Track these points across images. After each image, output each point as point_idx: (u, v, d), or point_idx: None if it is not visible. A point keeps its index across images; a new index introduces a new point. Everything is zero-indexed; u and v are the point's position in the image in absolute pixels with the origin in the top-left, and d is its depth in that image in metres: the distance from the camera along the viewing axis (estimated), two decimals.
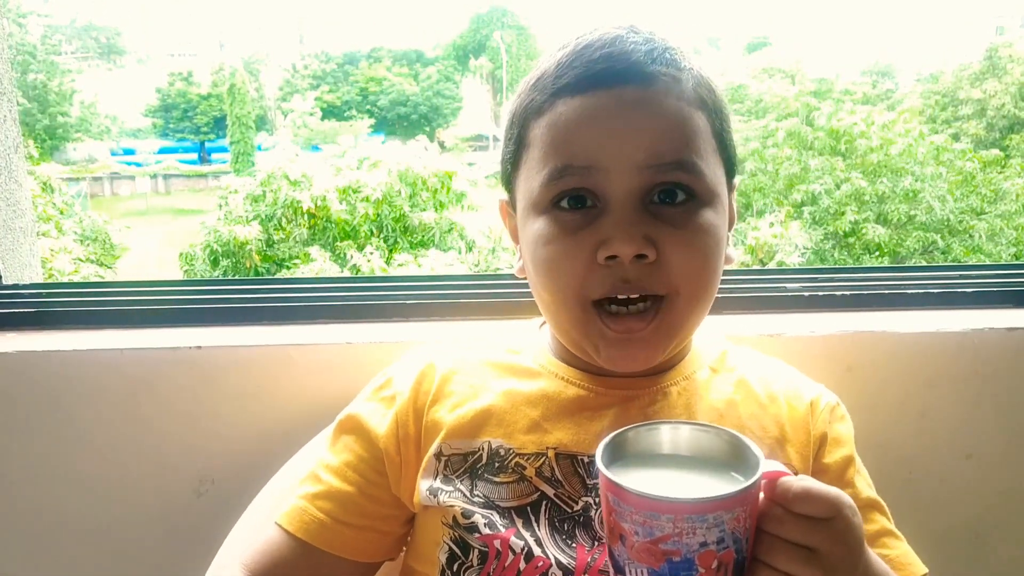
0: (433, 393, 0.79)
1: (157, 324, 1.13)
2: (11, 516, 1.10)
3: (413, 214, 8.43)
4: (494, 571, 0.70)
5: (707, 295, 0.73)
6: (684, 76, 0.71)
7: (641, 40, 0.71)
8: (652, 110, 0.69)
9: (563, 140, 0.70)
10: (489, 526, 0.71)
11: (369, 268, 7.60)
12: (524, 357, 0.82)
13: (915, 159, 9.56)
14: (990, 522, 1.14)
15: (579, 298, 0.70)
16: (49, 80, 25.38)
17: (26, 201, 1.28)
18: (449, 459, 0.76)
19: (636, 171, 0.68)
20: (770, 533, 0.55)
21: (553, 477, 0.73)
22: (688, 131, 0.70)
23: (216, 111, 29.06)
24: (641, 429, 0.60)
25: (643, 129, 0.68)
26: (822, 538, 0.55)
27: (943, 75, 17.29)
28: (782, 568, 0.55)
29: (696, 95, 0.71)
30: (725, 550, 0.52)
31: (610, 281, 0.68)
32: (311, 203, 8.22)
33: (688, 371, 0.79)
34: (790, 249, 7.95)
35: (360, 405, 0.83)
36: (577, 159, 0.69)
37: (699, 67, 0.73)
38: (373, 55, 34.51)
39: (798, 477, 0.57)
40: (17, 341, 1.08)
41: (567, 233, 0.70)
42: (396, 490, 0.78)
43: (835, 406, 0.81)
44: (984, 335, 1.08)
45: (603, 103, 0.69)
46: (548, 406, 0.77)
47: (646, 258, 0.67)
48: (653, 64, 0.69)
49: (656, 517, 0.51)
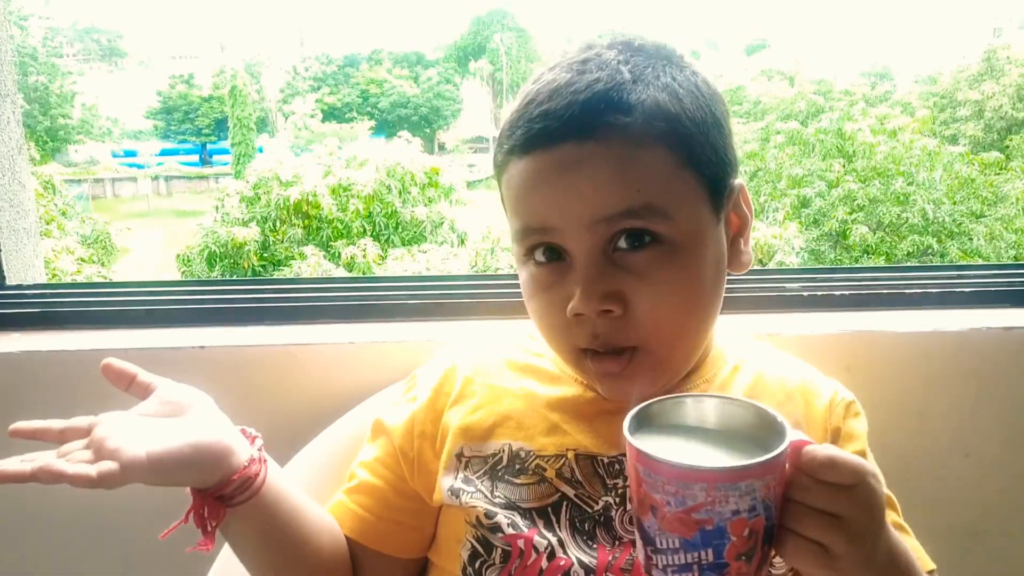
0: (454, 395, 0.81)
1: (160, 324, 1.13)
2: (12, 516, 1.10)
3: (404, 209, 8.47)
4: (515, 570, 0.71)
5: (685, 337, 0.73)
6: (632, 117, 0.66)
7: (583, 86, 0.67)
8: (590, 166, 0.66)
9: (519, 201, 0.71)
10: (512, 526, 0.72)
11: (364, 261, 7.62)
12: (546, 361, 0.83)
13: (912, 163, 9.57)
14: (988, 521, 1.14)
15: (567, 345, 0.72)
16: (51, 82, 25.41)
17: (29, 202, 1.28)
18: (470, 460, 0.77)
19: (587, 229, 0.67)
20: (797, 501, 0.56)
21: (573, 478, 0.74)
22: (636, 177, 0.66)
23: (217, 113, 29.11)
24: (667, 402, 0.60)
25: (584, 188, 0.67)
26: (847, 505, 0.56)
27: (941, 77, 17.31)
28: (809, 535, 0.56)
29: (647, 133, 0.67)
30: (756, 517, 0.53)
31: (584, 336, 0.70)
32: (300, 196, 8.27)
33: (708, 374, 0.79)
34: (789, 249, 7.97)
35: (388, 407, 0.86)
36: (532, 220, 0.70)
37: (666, 88, 0.69)
38: (374, 57, 34.55)
39: (823, 446, 0.57)
40: (21, 341, 1.08)
41: (541, 290, 0.72)
42: (414, 485, 0.80)
43: (851, 403, 0.82)
44: (982, 334, 1.08)
45: (544, 165, 0.68)
46: (567, 409, 0.78)
47: (612, 312, 0.67)
48: (590, 115, 0.66)
49: (689, 487, 0.52)
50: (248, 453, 0.70)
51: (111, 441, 0.63)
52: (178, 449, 0.65)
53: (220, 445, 0.68)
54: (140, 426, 0.67)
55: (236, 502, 0.70)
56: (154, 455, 0.64)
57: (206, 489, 0.69)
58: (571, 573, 0.70)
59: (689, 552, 0.53)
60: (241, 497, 0.69)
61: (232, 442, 0.69)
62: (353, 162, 8.99)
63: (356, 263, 7.71)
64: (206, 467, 0.67)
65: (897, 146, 9.80)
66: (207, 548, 0.70)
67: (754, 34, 39.12)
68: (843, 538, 0.56)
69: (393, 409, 0.84)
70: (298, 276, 7.47)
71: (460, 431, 0.78)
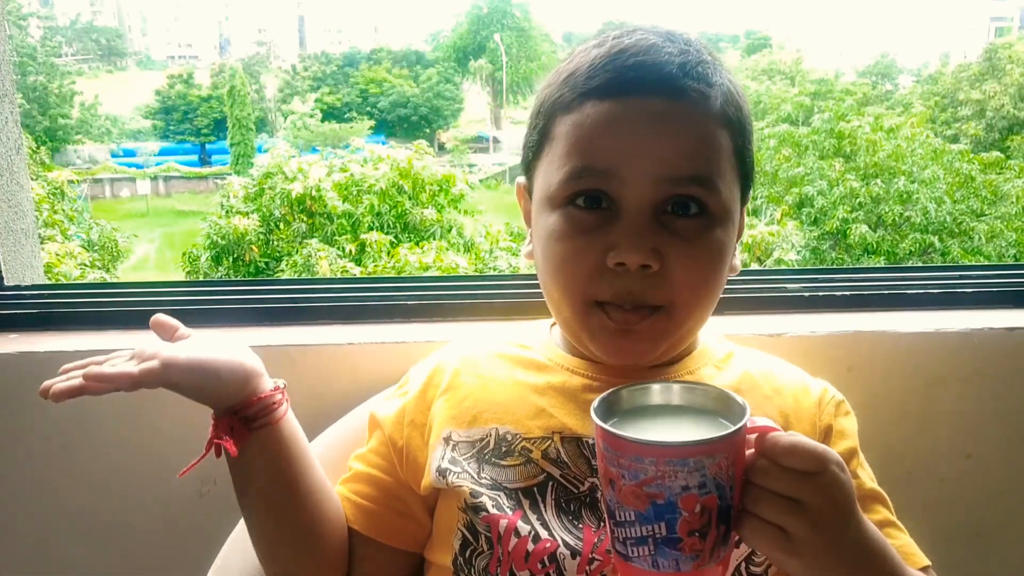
0: (444, 387, 0.82)
1: None
2: (13, 517, 1.10)
3: (415, 210, 8.49)
4: (502, 556, 0.71)
5: (704, 307, 0.75)
6: (714, 92, 0.71)
7: (676, 51, 0.71)
8: (677, 125, 0.70)
9: (587, 142, 0.71)
10: (497, 507, 0.73)
11: (376, 248, 7.62)
12: (534, 352, 0.84)
13: (916, 162, 9.57)
14: (990, 522, 1.14)
15: (584, 297, 0.73)
16: (49, 82, 25.43)
17: (28, 203, 1.28)
18: (458, 444, 0.78)
19: (653, 183, 0.69)
20: (758, 485, 0.57)
21: (559, 459, 0.75)
22: (710, 149, 0.71)
23: (216, 113, 29.10)
24: (634, 388, 0.63)
25: (666, 143, 0.69)
26: (809, 491, 0.57)
27: (943, 76, 17.33)
28: (769, 518, 0.57)
29: (723, 112, 0.72)
30: (707, 495, 0.54)
31: (614, 289, 0.71)
32: (303, 190, 8.29)
33: (693, 367, 0.81)
34: (787, 247, 7.97)
35: (381, 401, 0.88)
36: (598, 163, 0.70)
37: (730, 82, 0.74)
38: (373, 57, 34.58)
39: (787, 432, 0.58)
40: (19, 342, 1.08)
41: (579, 232, 0.72)
42: (404, 474, 0.81)
43: (840, 402, 0.83)
44: (984, 335, 1.08)
45: (630, 111, 0.69)
46: (554, 395, 0.79)
47: (650, 268, 0.69)
48: (684, 78, 0.70)
49: (640, 460, 0.54)
50: (273, 383, 0.77)
51: (151, 349, 0.71)
52: (212, 357, 0.73)
53: (249, 365, 0.76)
54: (179, 344, 0.75)
55: (257, 425, 0.75)
56: (192, 357, 0.71)
57: (231, 407, 0.74)
58: (557, 555, 0.70)
59: (644, 525, 0.56)
60: (262, 420, 0.75)
61: (260, 368, 0.77)
62: (371, 160, 9.00)
63: (369, 247, 7.68)
64: (236, 379, 0.74)
65: (900, 144, 9.80)
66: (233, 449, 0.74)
67: (754, 34, 39.14)
68: (804, 523, 0.56)
69: (385, 403, 0.87)
70: (307, 264, 7.52)
71: (449, 418, 0.79)
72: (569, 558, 0.70)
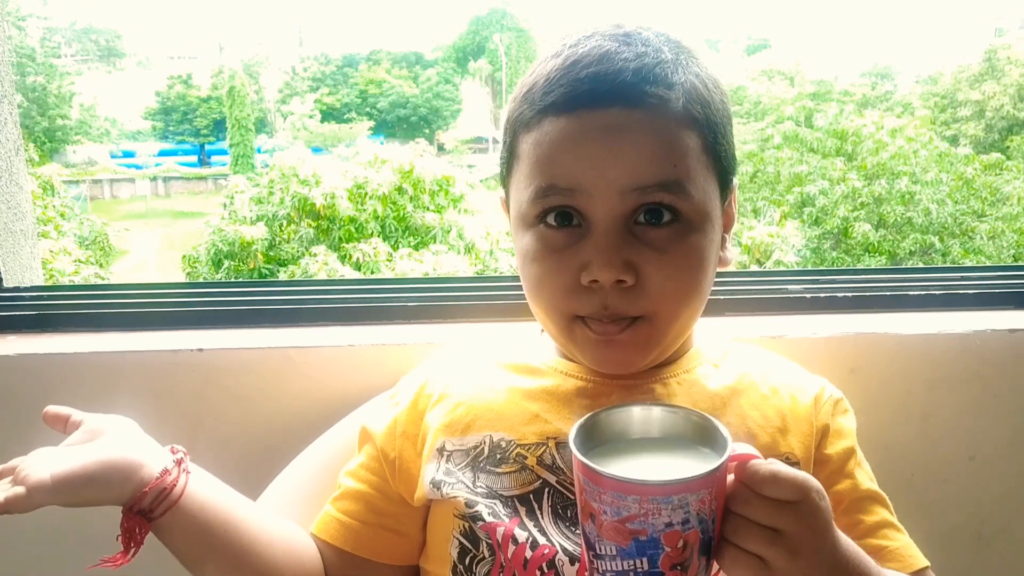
0: (436, 396, 0.82)
1: (158, 327, 1.12)
2: (12, 517, 1.09)
3: (416, 214, 8.49)
4: (505, 562, 0.71)
5: (689, 312, 0.74)
6: (674, 93, 0.70)
7: (632, 56, 0.69)
8: (637, 134, 0.68)
9: (548, 160, 0.70)
10: (493, 515, 0.72)
11: (374, 256, 7.62)
12: (528, 356, 0.83)
13: (919, 164, 9.59)
14: (992, 523, 1.13)
15: (564, 313, 0.73)
16: (48, 83, 25.42)
17: (27, 204, 1.28)
18: (452, 454, 0.77)
19: (619, 195, 0.68)
20: (737, 514, 0.57)
21: (554, 465, 0.74)
22: (674, 153, 0.69)
23: (216, 113, 29.10)
24: (614, 411, 0.62)
25: (627, 153, 0.68)
26: (788, 520, 0.57)
27: (942, 77, 17.34)
28: (748, 548, 0.57)
29: (686, 113, 0.70)
30: (690, 530, 0.54)
31: (591, 305, 0.70)
32: (323, 199, 8.26)
33: (688, 366, 0.80)
34: (787, 248, 7.98)
35: (373, 414, 0.86)
36: (561, 180, 0.70)
37: (697, 77, 0.72)
38: (372, 57, 34.56)
39: (767, 461, 0.58)
40: (18, 344, 1.08)
41: (551, 252, 0.72)
42: (396, 487, 0.80)
43: (839, 400, 0.82)
44: (986, 337, 1.07)
45: (587, 126, 0.68)
46: (549, 399, 0.78)
47: (625, 283, 0.69)
48: (640, 83, 0.68)
49: (623, 498, 0.53)
50: (162, 465, 0.70)
51: (23, 470, 0.66)
52: (82, 467, 0.67)
53: (126, 460, 0.69)
54: (56, 454, 0.68)
55: (156, 515, 0.69)
56: (58, 476, 0.65)
57: (125, 505, 0.69)
58: (556, 561, 0.70)
59: (625, 560, 0.55)
60: (160, 509, 0.69)
61: (142, 457, 0.70)
62: (375, 162, 8.99)
63: (368, 258, 7.69)
64: (114, 482, 0.68)
65: (904, 145, 9.82)
66: (114, 564, 0.70)
67: (755, 34, 39.18)
68: (782, 553, 0.56)
69: (377, 415, 0.85)
70: (306, 275, 7.50)
71: (442, 427, 0.78)
72: (568, 564, 0.69)
